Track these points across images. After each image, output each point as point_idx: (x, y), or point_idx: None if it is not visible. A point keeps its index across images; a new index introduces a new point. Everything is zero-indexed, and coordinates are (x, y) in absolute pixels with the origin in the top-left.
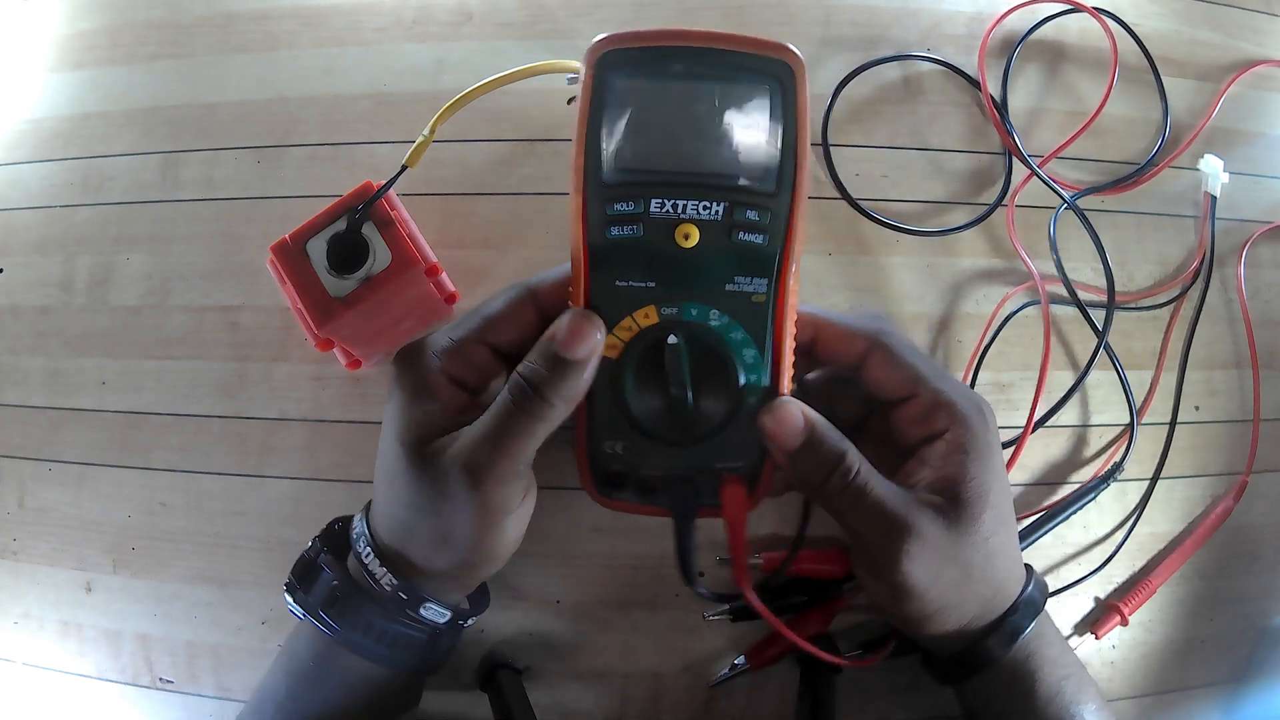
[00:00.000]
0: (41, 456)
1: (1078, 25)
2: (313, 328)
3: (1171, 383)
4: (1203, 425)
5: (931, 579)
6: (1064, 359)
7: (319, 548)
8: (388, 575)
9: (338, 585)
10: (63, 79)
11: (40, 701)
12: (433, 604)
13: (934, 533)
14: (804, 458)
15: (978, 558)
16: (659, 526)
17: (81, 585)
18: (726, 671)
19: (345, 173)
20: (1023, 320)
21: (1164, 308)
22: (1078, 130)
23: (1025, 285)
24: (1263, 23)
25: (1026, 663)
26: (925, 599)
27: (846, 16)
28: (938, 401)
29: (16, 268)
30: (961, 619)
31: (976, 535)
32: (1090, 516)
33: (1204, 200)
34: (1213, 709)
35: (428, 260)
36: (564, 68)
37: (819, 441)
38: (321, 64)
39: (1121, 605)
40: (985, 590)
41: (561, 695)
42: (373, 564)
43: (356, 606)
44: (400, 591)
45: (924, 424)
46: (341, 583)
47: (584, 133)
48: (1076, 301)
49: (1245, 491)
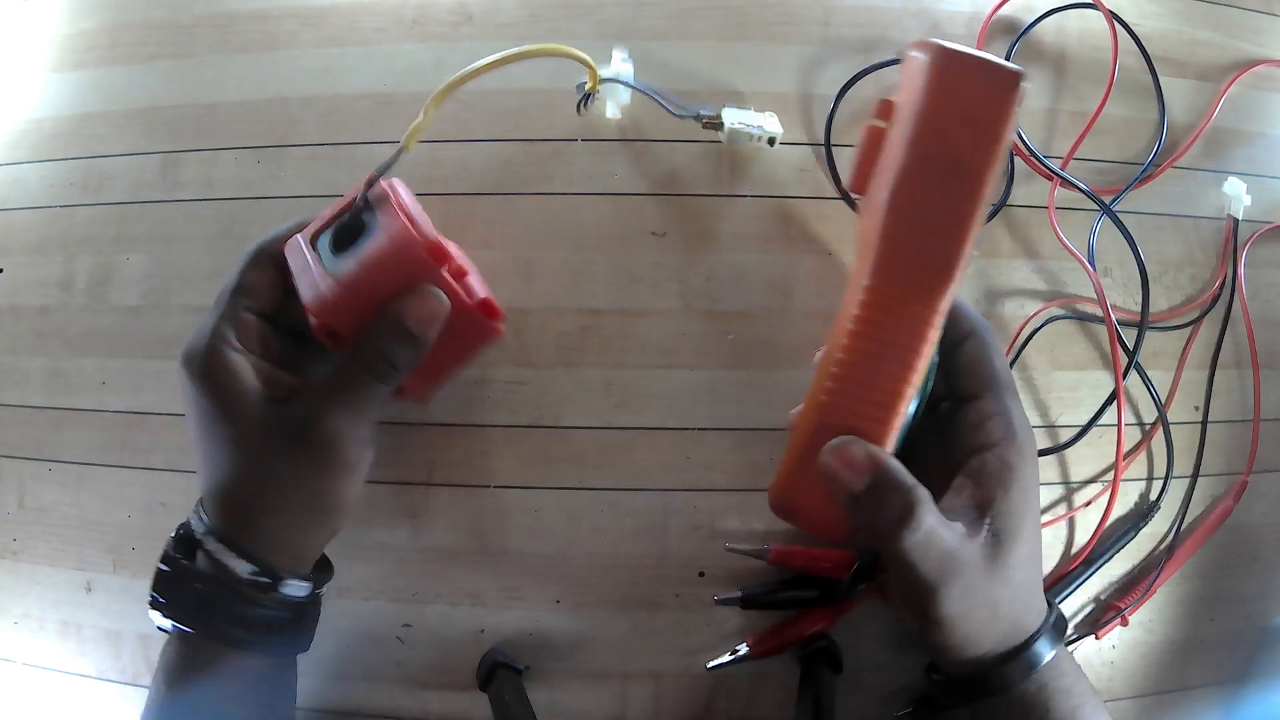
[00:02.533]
0: (41, 456)
1: (1076, 26)
2: (309, 313)
3: (1187, 392)
4: (1202, 425)
5: (964, 617)
6: (1066, 358)
7: (172, 555)
8: (241, 562)
9: (200, 587)
10: (63, 79)
11: (40, 701)
12: (291, 581)
13: (973, 572)
14: (869, 503)
15: (1005, 593)
16: (659, 526)
17: (81, 585)
18: (728, 657)
19: (345, 173)
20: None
21: (1186, 327)
22: (1083, 131)
23: (1059, 301)
24: (1263, 23)
25: (1039, 693)
26: (954, 634)
27: (847, 17)
28: (1000, 411)
29: (16, 268)
30: (980, 649)
31: (1007, 571)
32: (1090, 517)
33: (1226, 223)
34: (1213, 709)
35: (427, 236)
36: (565, 53)
37: (886, 488)
38: (321, 64)
39: (1121, 605)
40: (1006, 625)
41: (561, 695)
42: (225, 556)
43: (221, 603)
44: (259, 575)
45: (980, 430)
46: (203, 584)
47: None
48: (1110, 322)
49: (1245, 491)
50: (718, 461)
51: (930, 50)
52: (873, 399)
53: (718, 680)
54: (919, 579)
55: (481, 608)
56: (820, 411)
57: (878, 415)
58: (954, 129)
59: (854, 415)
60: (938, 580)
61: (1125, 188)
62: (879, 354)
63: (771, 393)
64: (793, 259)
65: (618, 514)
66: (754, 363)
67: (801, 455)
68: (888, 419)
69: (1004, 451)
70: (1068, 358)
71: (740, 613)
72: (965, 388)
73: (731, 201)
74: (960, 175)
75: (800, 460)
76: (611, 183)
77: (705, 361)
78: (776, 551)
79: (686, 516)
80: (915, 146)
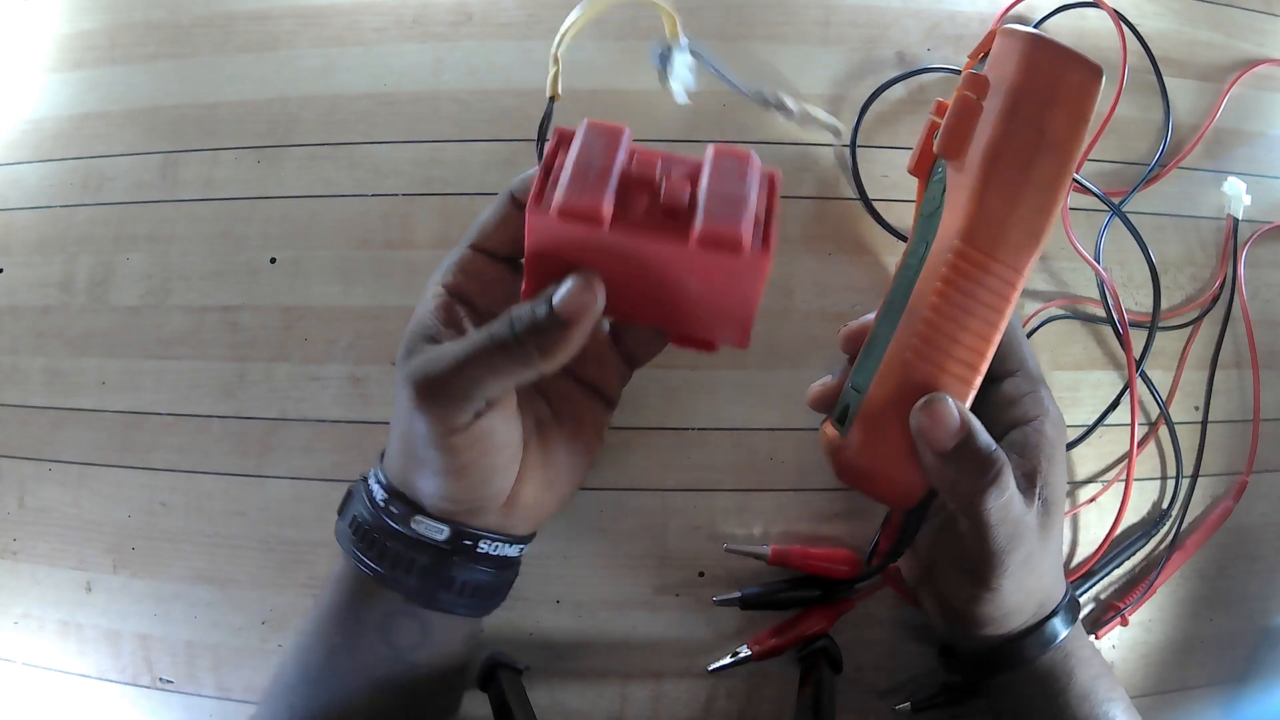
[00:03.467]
0: (41, 456)
1: (1076, 25)
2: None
3: (1186, 392)
4: (1203, 425)
5: (1018, 586)
6: (1065, 358)
7: (399, 531)
8: (385, 497)
9: (359, 517)
10: (63, 79)
11: (40, 701)
12: (424, 519)
13: (1033, 540)
14: (957, 462)
15: (1050, 562)
16: (659, 526)
17: (81, 585)
18: (728, 660)
19: (345, 173)
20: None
21: (1186, 327)
22: (1097, 132)
23: (1059, 301)
24: (1263, 23)
25: (1065, 662)
26: (1006, 603)
27: (847, 16)
28: (1032, 389)
29: (16, 268)
30: (1019, 620)
31: (1052, 542)
32: (1091, 518)
33: (1226, 223)
34: (1213, 709)
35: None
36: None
37: (974, 447)
38: (321, 64)
39: (1121, 605)
40: (1041, 596)
41: (561, 695)
42: (376, 491)
43: (371, 535)
44: (391, 506)
45: (1016, 406)
46: (361, 513)
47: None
48: (1117, 324)
49: (1245, 491)
50: (718, 461)
51: (1024, 37)
52: (958, 356)
53: (717, 681)
54: (990, 543)
55: None
56: (905, 369)
57: (962, 374)
58: (1046, 108)
59: (940, 372)
60: (1006, 546)
61: (1133, 189)
62: (965, 314)
63: (771, 393)
64: (793, 259)
65: (618, 514)
66: (754, 363)
67: (880, 413)
68: (971, 378)
69: (1042, 424)
70: (1067, 357)
71: (740, 613)
72: (1003, 367)
73: None
74: (1051, 149)
75: (878, 418)
76: None
77: (705, 361)
78: (775, 551)
79: (686, 516)
80: (1009, 119)
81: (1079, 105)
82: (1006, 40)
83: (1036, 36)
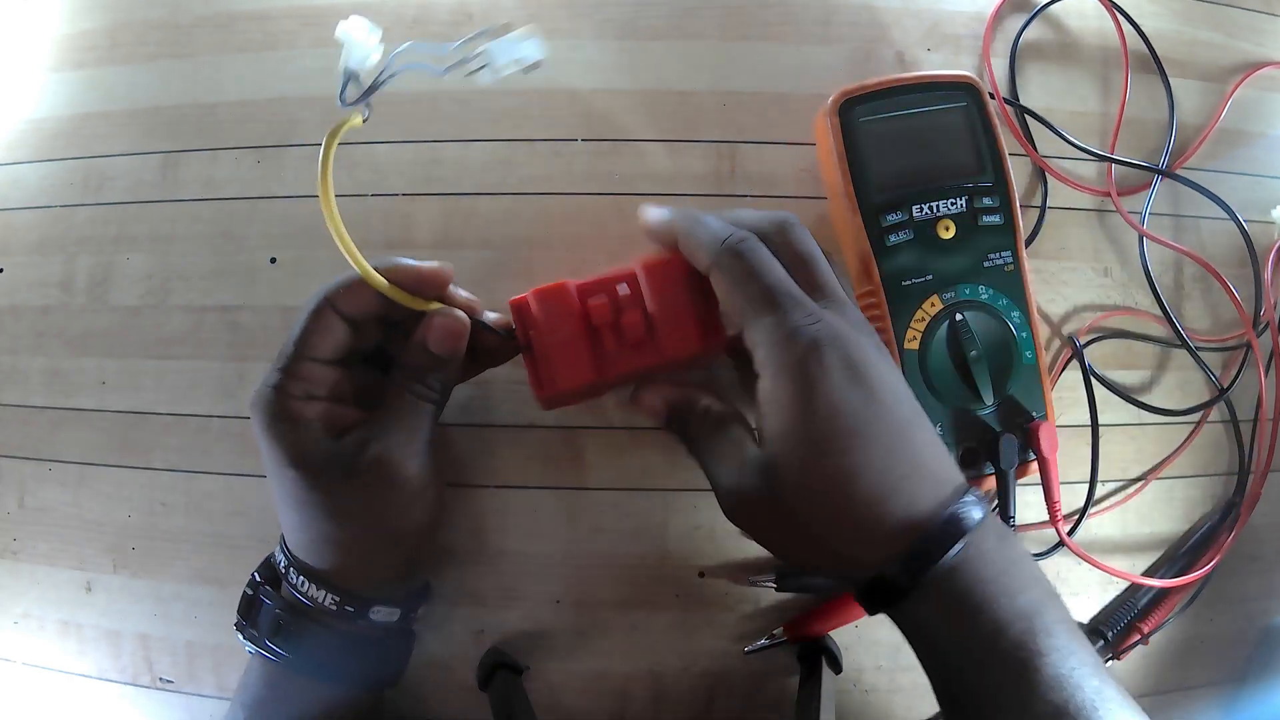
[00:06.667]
0: (41, 456)
1: (1077, 25)
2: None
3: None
4: (1203, 425)
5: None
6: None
7: (257, 581)
8: (326, 594)
9: (280, 613)
10: (63, 79)
11: (40, 701)
12: (380, 606)
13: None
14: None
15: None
16: (659, 526)
17: (81, 585)
18: (764, 641)
19: (345, 173)
20: None
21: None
22: (1114, 132)
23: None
24: (1263, 23)
25: (965, 593)
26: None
27: (847, 16)
28: (754, 343)
29: (16, 268)
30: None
31: (884, 424)
32: (1091, 519)
33: (1273, 249)
34: (1213, 709)
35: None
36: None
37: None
38: (321, 64)
39: (1144, 628)
40: (896, 506)
41: (561, 695)
42: (308, 588)
43: (301, 630)
44: (345, 605)
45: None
46: (283, 610)
47: (848, 167)
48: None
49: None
50: None
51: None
52: None
53: (717, 680)
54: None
55: (481, 608)
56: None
57: None
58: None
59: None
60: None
61: (1152, 189)
62: None
63: None
64: None
65: (618, 514)
66: None
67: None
68: None
69: (754, 348)
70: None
71: (740, 614)
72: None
73: (731, 201)
74: None
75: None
76: (611, 183)
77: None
78: (788, 628)
79: (686, 516)
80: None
81: None
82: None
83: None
